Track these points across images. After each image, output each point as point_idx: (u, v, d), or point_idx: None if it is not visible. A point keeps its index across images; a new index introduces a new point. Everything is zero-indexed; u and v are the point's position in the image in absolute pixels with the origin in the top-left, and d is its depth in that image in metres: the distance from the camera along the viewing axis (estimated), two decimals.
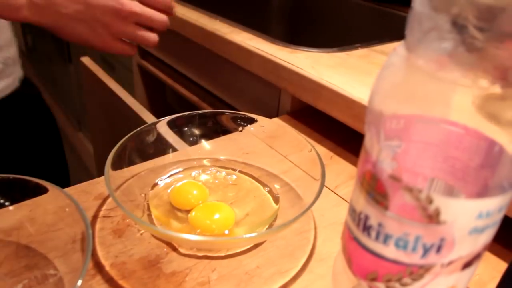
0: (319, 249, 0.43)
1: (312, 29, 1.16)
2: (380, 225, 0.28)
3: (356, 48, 0.74)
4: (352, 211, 0.31)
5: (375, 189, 0.28)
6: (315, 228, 0.46)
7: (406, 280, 0.29)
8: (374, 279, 0.30)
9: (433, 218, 0.26)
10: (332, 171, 0.55)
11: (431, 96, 0.25)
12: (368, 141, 0.29)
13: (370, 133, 0.28)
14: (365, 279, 0.30)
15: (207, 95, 0.92)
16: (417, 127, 0.26)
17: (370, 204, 0.28)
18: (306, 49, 0.71)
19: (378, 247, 0.29)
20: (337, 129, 0.63)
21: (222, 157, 0.54)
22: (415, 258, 0.28)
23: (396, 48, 0.27)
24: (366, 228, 0.29)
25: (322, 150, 0.60)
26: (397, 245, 0.28)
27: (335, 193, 0.51)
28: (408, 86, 0.26)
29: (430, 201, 0.25)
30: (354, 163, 0.57)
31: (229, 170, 0.52)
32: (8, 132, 0.80)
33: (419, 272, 0.28)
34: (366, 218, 0.29)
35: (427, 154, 0.26)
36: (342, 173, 0.55)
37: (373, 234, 0.29)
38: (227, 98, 0.86)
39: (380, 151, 0.27)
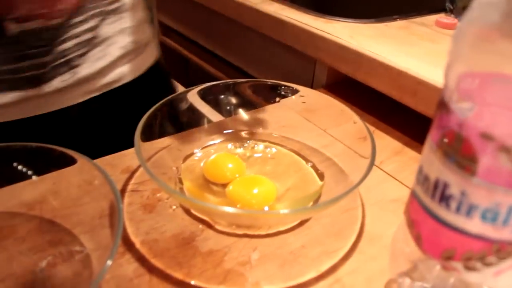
0: (368, 227, 0.40)
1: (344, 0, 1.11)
2: (463, 194, 0.24)
3: (395, 19, 0.69)
4: (424, 179, 0.26)
5: (459, 151, 0.23)
6: (362, 205, 0.42)
7: (491, 259, 0.25)
8: (450, 258, 0.26)
9: None
10: None
11: None
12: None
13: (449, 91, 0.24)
14: (440, 258, 0.26)
15: (234, 71, 0.88)
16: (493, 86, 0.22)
17: (451, 170, 0.24)
18: (342, 19, 0.66)
19: (459, 220, 0.25)
20: (377, 102, 0.59)
21: (259, 130, 0.50)
22: (505, 233, 0.24)
23: None
24: (444, 198, 0.25)
25: None
26: (483, 217, 0.24)
27: (381, 169, 0.47)
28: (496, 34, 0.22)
29: None
30: (398, 138, 0.53)
31: (267, 143, 0.48)
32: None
33: (508, 249, 0.24)
34: (445, 186, 0.25)
35: (503, 117, 0.22)
36: (385, 148, 0.51)
37: (454, 205, 0.24)
38: (256, 72, 0.82)
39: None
